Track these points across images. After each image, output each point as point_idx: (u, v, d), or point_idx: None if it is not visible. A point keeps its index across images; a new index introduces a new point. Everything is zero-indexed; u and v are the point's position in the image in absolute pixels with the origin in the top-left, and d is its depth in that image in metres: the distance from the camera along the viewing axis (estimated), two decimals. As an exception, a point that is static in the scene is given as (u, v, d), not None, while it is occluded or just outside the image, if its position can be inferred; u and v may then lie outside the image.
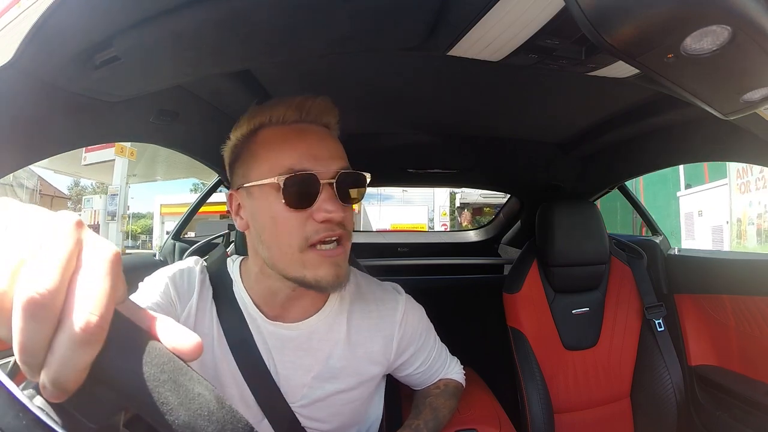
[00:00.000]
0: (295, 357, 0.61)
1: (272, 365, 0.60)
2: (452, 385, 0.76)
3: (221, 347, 0.59)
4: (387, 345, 0.67)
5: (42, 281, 0.18)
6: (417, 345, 0.71)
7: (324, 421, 0.64)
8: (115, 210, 6.15)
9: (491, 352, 1.30)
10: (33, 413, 0.20)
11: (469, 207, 11.26)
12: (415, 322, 0.70)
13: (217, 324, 0.60)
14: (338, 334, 0.63)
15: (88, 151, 6.44)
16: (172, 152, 0.97)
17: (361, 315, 0.65)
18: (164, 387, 0.21)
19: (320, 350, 0.62)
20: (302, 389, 0.61)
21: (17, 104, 0.51)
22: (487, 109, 1.06)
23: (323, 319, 0.62)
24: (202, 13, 0.47)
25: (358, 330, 0.65)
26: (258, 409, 0.60)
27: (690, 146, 1.06)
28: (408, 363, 0.71)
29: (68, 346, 0.19)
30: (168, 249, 1.28)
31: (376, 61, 0.80)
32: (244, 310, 0.60)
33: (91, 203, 6.64)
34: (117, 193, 6.15)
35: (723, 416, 1.04)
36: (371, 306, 0.67)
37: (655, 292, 1.23)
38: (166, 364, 0.22)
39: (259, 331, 0.60)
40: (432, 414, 0.69)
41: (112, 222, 6.17)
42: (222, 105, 0.89)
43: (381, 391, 0.74)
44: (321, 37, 0.56)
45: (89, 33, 0.48)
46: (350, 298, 0.66)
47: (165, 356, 0.22)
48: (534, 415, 1.10)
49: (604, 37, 0.36)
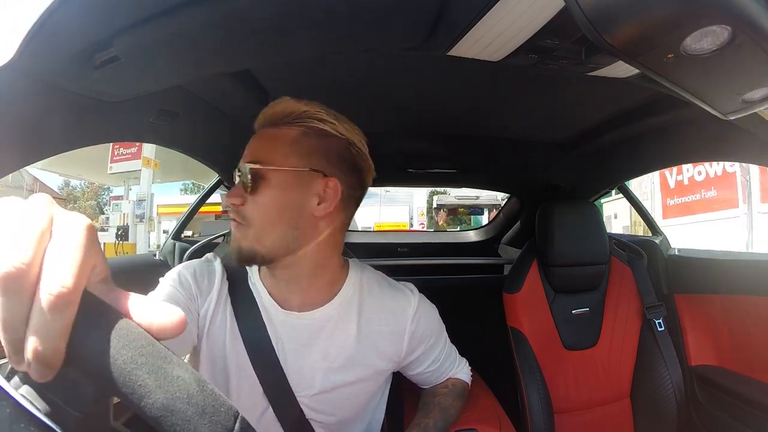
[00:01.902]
0: (306, 346, 0.62)
1: (282, 355, 0.62)
2: (460, 385, 0.77)
3: (234, 338, 0.61)
4: (398, 341, 0.67)
5: (17, 255, 0.19)
6: (428, 343, 0.71)
7: (328, 413, 0.64)
8: (143, 213, 7.18)
9: (491, 352, 1.30)
10: (16, 401, 0.20)
11: (445, 207, 12.20)
12: (427, 321, 0.70)
13: (231, 315, 0.62)
14: (349, 325, 0.64)
15: (113, 161, 7.48)
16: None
17: (372, 308, 0.66)
18: (142, 370, 0.21)
19: (330, 340, 0.63)
20: (310, 379, 0.62)
21: (17, 104, 0.51)
22: (487, 109, 1.06)
23: (335, 308, 0.64)
24: (202, 13, 0.47)
25: (369, 323, 0.65)
26: (264, 398, 0.61)
27: (690, 146, 1.06)
28: (418, 361, 0.71)
29: (42, 313, 0.19)
30: (168, 249, 1.28)
31: (376, 61, 0.80)
32: (258, 300, 0.63)
33: (120, 207, 7.79)
34: (144, 199, 7.24)
35: (723, 416, 1.04)
36: (384, 301, 0.68)
37: (655, 292, 1.23)
38: (145, 347, 0.22)
39: (271, 321, 0.62)
40: (441, 414, 0.69)
41: (140, 223, 7.20)
42: (222, 105, 0.89)
43: (386, 391, 0.74)
44: (321, 37, 0.56)
45: (89, 33, 0.48)
46: (362, 290, 0.67)
47: (143, 339, 0.22)
48: (534, 415, 1.10)
49: (604, 37, 0.36)
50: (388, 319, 0.67)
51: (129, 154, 7.47)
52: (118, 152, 7.37)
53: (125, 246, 7.37)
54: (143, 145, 6.70)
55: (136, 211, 7.29)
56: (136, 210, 7.28)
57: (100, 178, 9.47)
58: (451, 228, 12.14)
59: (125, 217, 7.35)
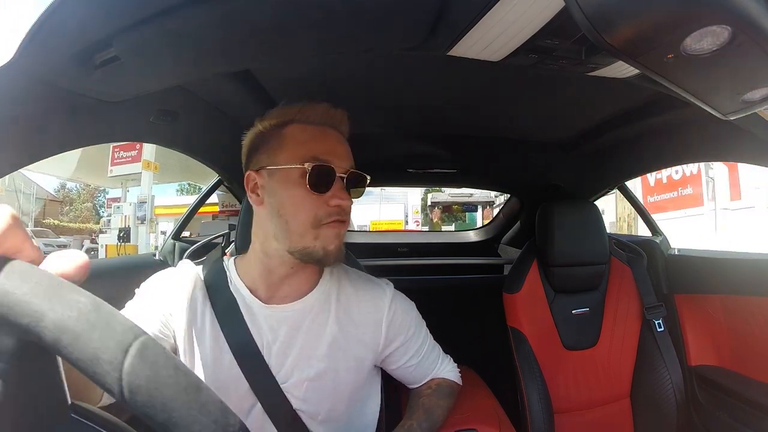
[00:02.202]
0: (288, 336, 0.64)
1: (266, 348, 0.63)
2: (446, 385, 0.77)
3: (216, 340, 0.63)
4: (376, 328, 0.70)
5: None
6: (407, 335, 0.73)
7: (314, 403, 0.65)
8: (144, 215, 7.46)
9: (491, 352, 1.30)
10: None
11: (439, 205, 12.71)
12: (404, 311, 0.73)
13: (212, 316, 0.64)
14: (329, 313, 0.67)
15: (113, 164, 7.83)
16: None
17: (350, 297, 0.70)
18: (38, 297, 0.23)
19: (312, 329, 0.65)
20: (294, 369, 0.64)
21: (17, 104, 0.51)
22: (488, 109, 1.06)
23: (315, 298, 0.67)
24: (202, 13, 0.47)
25: (348, 310, 0.68)
26: (251, 394, 0.62)
27: (690, 146, 1.06)
28: (398, 353, 0.73)
29: None
30: (168, 249, 1.28)
31: (376, 61, 0.80)
32: (239, 299, 0.65)
33: (121, 210, 8.09)
34: (145, 201, 7.52)
35: (723, 416, 1.04)
36: (360, 290, 0.71)
37: (655, 292, 1.23)
38: (42, 279, 0.24)
39: (254, 316, 0.64)
40: (425, 414, 0.70)
41: (141, 225, 7.48)
42: (222, 105, 0.89)
43: (377, 386, 0.75)
44: (321, 37, 0.56)
45: (89, 33, 0.48)
46: (340, 282, 0.71)
47: (41, 273, 0.24)
48: (534, 415, 1.10)
49: (604, 37, 0.36)
50: (367, 306, 0.70)
51: (129, 158, 7.67)
52: (119, 155, 7.57)
53: (127, 248, 7.56)
54: (143, 148, 6.77)
55: (137, 213, 7.56)
56: (137, 212, 7.55)
57: (98, 180, 9.83)
58: (446, 224, 12.48)
59: (126, 219, 7.59)
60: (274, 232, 0.62)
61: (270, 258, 0.64)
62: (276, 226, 0.62)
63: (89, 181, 12.29)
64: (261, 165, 0.63)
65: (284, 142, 0.63)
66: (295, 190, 0.60)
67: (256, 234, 0.67)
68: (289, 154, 0.61)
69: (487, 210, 13.43)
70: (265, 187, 0.63)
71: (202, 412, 0.23)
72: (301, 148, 0.61)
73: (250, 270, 0.66)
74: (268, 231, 0.63)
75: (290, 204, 0.61)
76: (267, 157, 0.63)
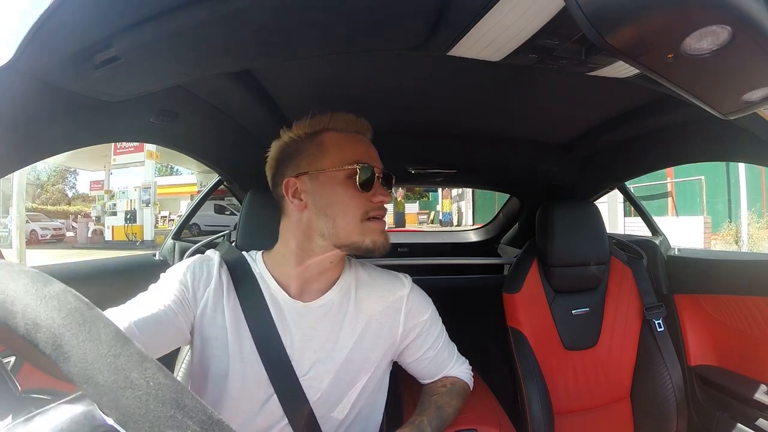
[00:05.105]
0: (311, 329, 0.67)
1: (288, 339, 0.66)
2: (459, 385, 0.77)
3: (239, 328, 0.65)
4: (395, 317, 0.72)
5: None
6: (423, 327, 0.74)
7: (330, 396, 0.67)
8: (149, 198, 8.88)
9: (491, 352, 1.30)
10: None
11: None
12: (421, 304, 0.75)
13: (235, 303, 0.66)
14: (348, 306, 0.70)
15: (116, 154, 9.11)
16: None
17: (369, 290, 0.73)
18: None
19: (333, 322, 0.68)
20: (311, 362, 0.66)
21: (17, 104, 0.51)
22: (488, 109, 1.06)
23: (335, 294, 0.70)
24: (202, 13, 0.47)
25: (368, 302, 0.71)
26: (269, 385, 0.64)
27: (690, 146, 1.06)
28: (415, 345, 0.74)
29: None
30: (168, 249, 1.28)
31: (377, 61, 0.80)
32: (266, 290, 0.67)
33: (127, 195, 9.42)
34: (149, 187, 8.87)
35: (723, 416, 1.04)
36: (379, 283, 0.74)
37: (655, 292, 1.23)
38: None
39: (279, 308, 0.67)
40: (436, 412, 0.70)
41: (146, 208, 8.87)
42: (222, 105, 0.89)
43: (386, 381, 0.76)
44: (321, 38, 0.56)
45: (89, 33, 0.48)
46: (359, 276, 0.74)
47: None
48: (534, 416, 1.10)
49: (604, 37, 0.36)
50: (385, 296, 0.73)
51: (132, 147, 8.87)
52: (121, 145, 8.79)
53: (134, 228, 8.86)
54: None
55: (142, 197, 8.94)
56: (142, 196, 8.93)
57: (70, 161, 11.66)
58: (410, 202, 12.97)
59: (132, 203, 8.99)
60: (320, 231, 0.65)
61: (311, 256, 0.67)
62: (323, 225, 0.65)
63: (82, 167, 13.99)
64: (301, 170, 0.67)
65: (325, 148, 0.67)
66: (342, 190, 0.65)
67: (292, 234, 0.68)
68: (334, 158, 0.66)
69: (445, 191, 14.49)
70: (308, 191, 0.66)
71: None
72: (344, 153, 0.66)
73: (282, 267, 0.69)
74: (311, 230, 0.66)
75: (339, 202, 0.65)
76: (308, 163, 0.67)
